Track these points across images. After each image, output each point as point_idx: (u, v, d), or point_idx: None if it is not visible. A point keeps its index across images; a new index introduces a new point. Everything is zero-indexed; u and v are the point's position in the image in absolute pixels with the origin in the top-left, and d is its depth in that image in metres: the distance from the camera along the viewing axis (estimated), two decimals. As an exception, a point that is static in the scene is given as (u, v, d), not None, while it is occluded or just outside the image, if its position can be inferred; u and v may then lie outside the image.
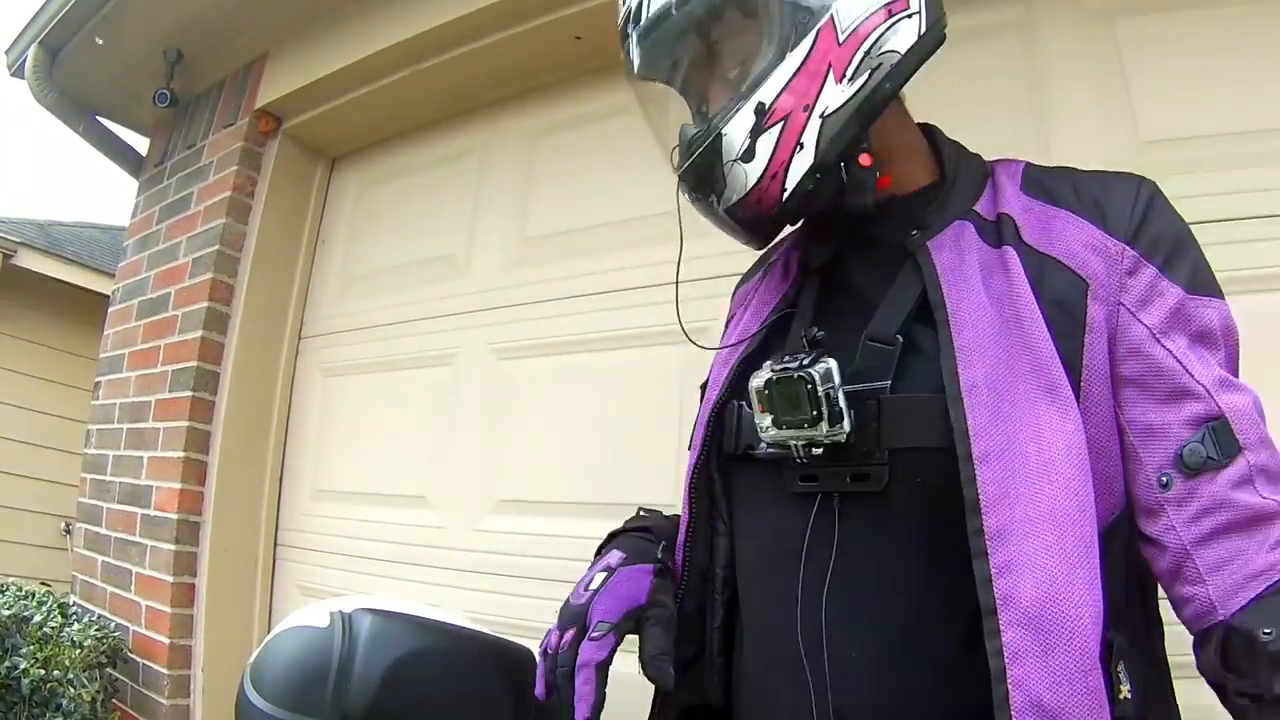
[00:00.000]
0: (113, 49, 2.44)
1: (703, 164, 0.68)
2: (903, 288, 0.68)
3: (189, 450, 2.17)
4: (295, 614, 0.94)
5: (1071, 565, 0.55)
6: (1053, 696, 0.52)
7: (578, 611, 0.66)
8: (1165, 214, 0.70)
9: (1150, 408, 0.61)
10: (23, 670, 1.77)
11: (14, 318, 4.59)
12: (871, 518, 0.64)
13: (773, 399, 0.65)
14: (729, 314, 0.91)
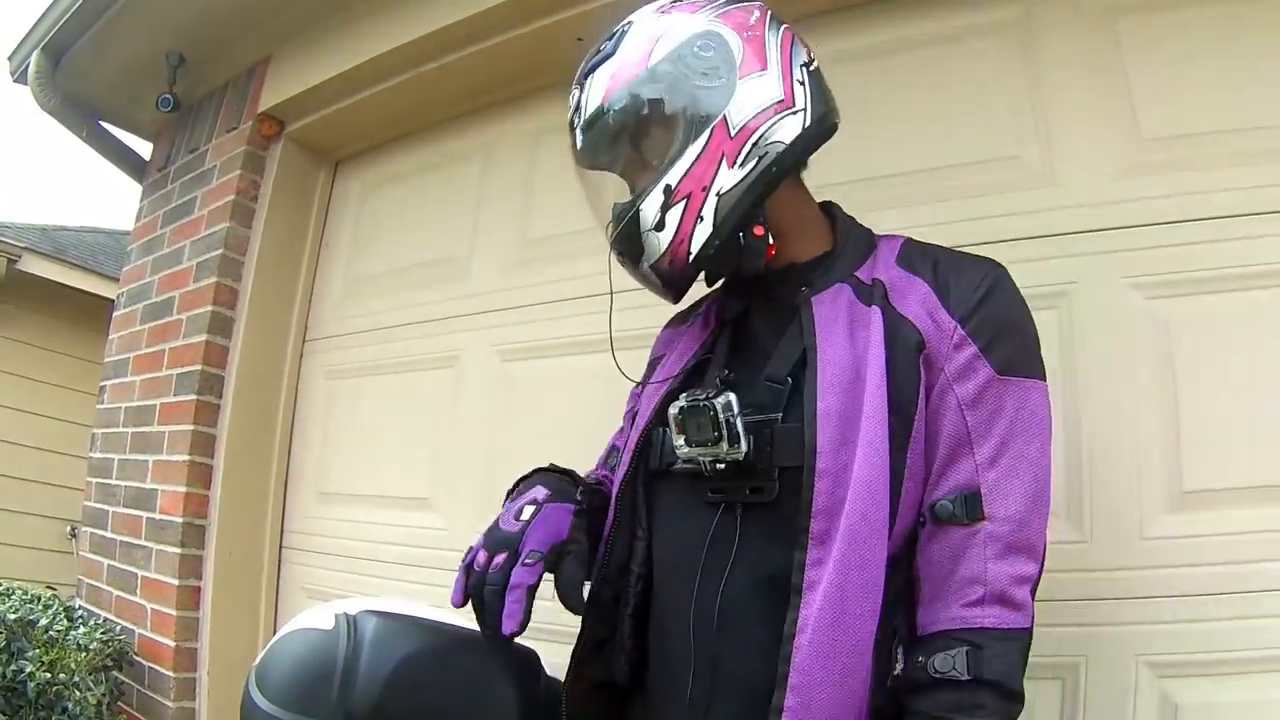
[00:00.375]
0: (115, 54, 2.45)
1: (626, 234, 0.85)
2: (791, 339, 0.84)
3: (194, 454, 2.18)
4: (300, 616, 0.95)
5: (870, 570, 0.72)
6: (815, 673, 0.70)
7: (511, 538, 0.76)
8: (1000, 301, 0.81)
9: (939, 459, 0.78)
10: (29, 674, 1.77)
11: (18, 322, 4.60)
12: (767, 523, 0.78)
13: (684, 423, 0.81)
14: (654, 354, 1.06)
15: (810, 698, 0.70)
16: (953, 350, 0.78)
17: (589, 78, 0.87)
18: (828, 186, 1.53)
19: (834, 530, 0.73)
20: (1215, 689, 1.10)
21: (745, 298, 0.91)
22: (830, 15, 1.64)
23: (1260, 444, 1.13)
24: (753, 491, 0.79)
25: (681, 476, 0.85)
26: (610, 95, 0.84)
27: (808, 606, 0.71)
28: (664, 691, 0.84)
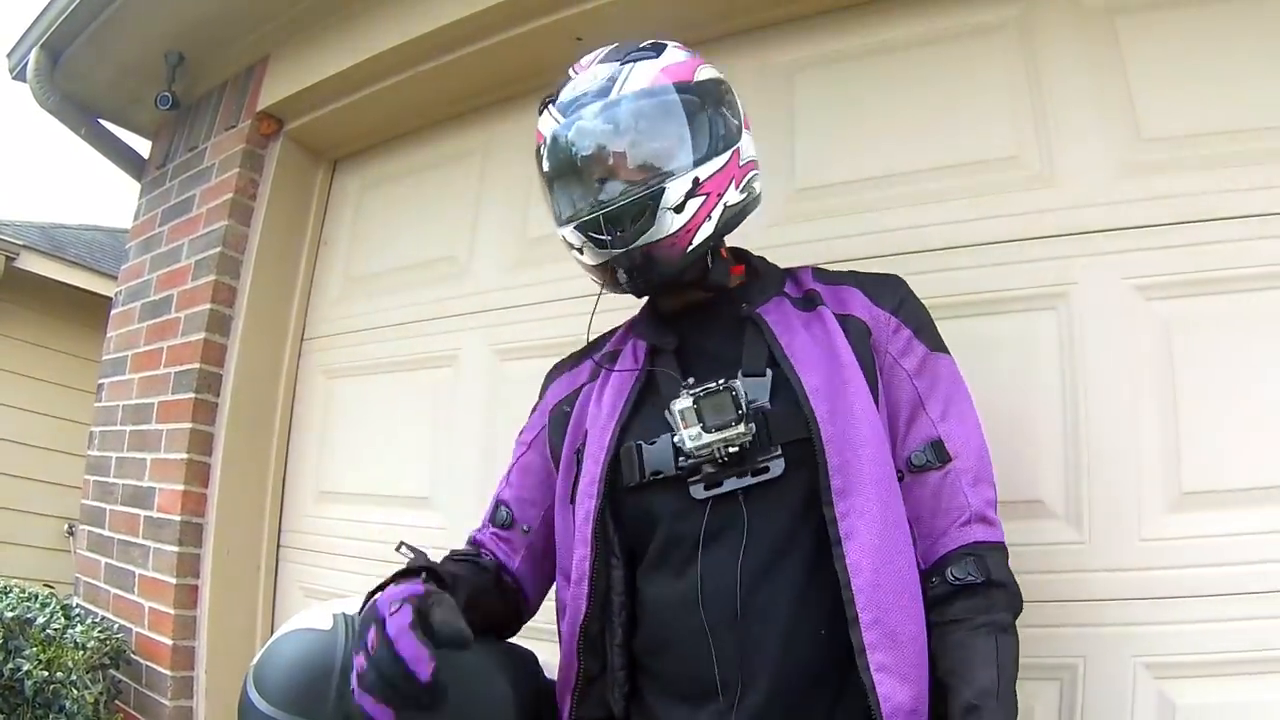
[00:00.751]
0: (114, 52, 2.45)
1: (638, 205, 0.90)
2: (753, 344, 0.95)
3: (192, 452, 2.17)
4: (298, 616, 0.94)
5: (891, 507, 0.85)
6: (882, 601, 0.81)
7: (367, 616, 0.73)
8: (915, 300, 1.02)
9: (901, 424, 0.94)
10: (26, 672, 1.77)
11: (16, 320, 4.60)
12: (770, 502, 0.88)
13: (700, 411, 0.88)
14: (552, 398, 1.12)
15: (889, 626, 0.81)
16: (893, 335, 0.97)
17: (630, 66, 0.95)
18: (828, 186, 1.54)
19: (852, 485, 0.85)
20: (1213, 690, 1.10)
21: (675, 327, 1.02)
22: (830, 15, 1.64)
23: (1260, 445, 1.13)
24: (755, 474, 0.88)
25: (661, 485, 0.91)
26: (663, 82, 0.94)
27: (854, 552, 0.82)
28: (686, 695, 0.88)
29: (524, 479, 1.10)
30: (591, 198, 0.93)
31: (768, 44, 1.71)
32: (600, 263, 0.95)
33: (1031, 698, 1.20)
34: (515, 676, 0.98)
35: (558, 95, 0.99)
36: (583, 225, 0.93)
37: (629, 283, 0.95)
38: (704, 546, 0.88)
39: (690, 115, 0.94)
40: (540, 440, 1.10)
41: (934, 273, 1.39)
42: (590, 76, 0.96)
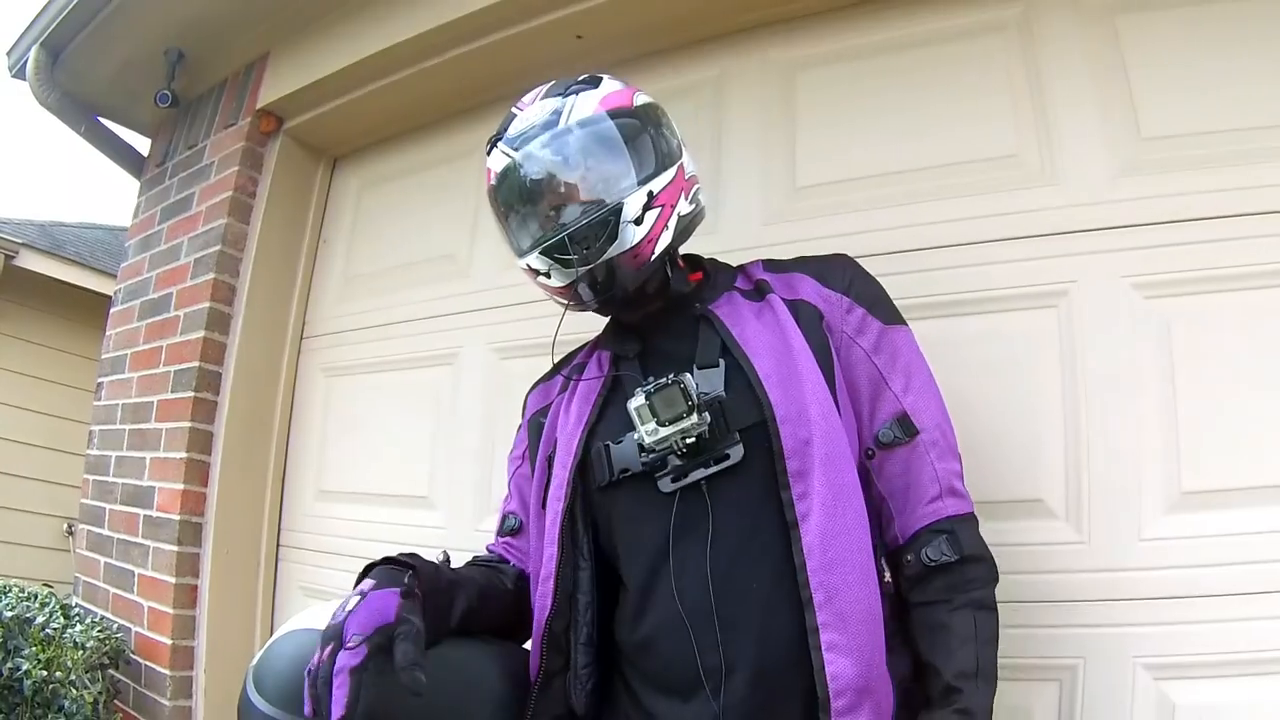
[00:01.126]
0: (114, 50, 2.44)
1: (600, 222, 0.94)
2: (706, 338, 0.99)
3: (191, 451, 2.17)
4: (298, 616, 0.94)
5: (846, 487, 0.86)
6: (833, 580, 0.83)
7: (334, 629, 0.75)
8: (865, 276, 1.05)
9: (865, 402, 0.96)
10: (25, 671, 1.77)
11: (15, 318, 4.59)
12: (733, 488, 0.90)
13: (654, 406, 0.91)
14: (530, 411, 1.19)
15: (838, 606, 0.83)
16: (845, 314, 0.99)
17: (573, 97, 1.01)
18: (828, 184, 1.54)
19: (808, 467, 0.87)
20: (1213, 690, 1.10)
21: (637, 334, 1.06)
22: (830, 15, 1.64)
23: (1260, 444, 1.13)
24: (717, 461, 0.91)
25: (631, 483, 0.95)
26: (606, 109, 0.99)
27: (807, 535, 0.85)
28: (673, 688, 0.90)
29: (524, 489, 1.14)
30: (553, 222, 0.97)
31: (768, 43, 1.71)
32: (568, 282, 0.98)
33: (1031, 698, 1.21)
34: (511, 674, 0.98)
35: (503, 133, 1.03)
36: (548, 249, 0.96)
37: (595, 298, 0.98)
38: (675, 538, 0.91)
39: (636, 136, 0.99)
40: (527, 454, 1.15)
41: (934, 271, 1.39)
42: (536, 111, 1.01)
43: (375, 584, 0.80)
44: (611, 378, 1.05)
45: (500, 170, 1.01)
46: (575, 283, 0.97)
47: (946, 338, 1.36)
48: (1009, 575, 1.23)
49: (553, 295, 1.04)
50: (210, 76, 2.56)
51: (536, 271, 1.01)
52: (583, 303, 1.01)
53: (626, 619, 0.96)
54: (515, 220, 1.02)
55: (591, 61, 1.90)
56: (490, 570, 1.06)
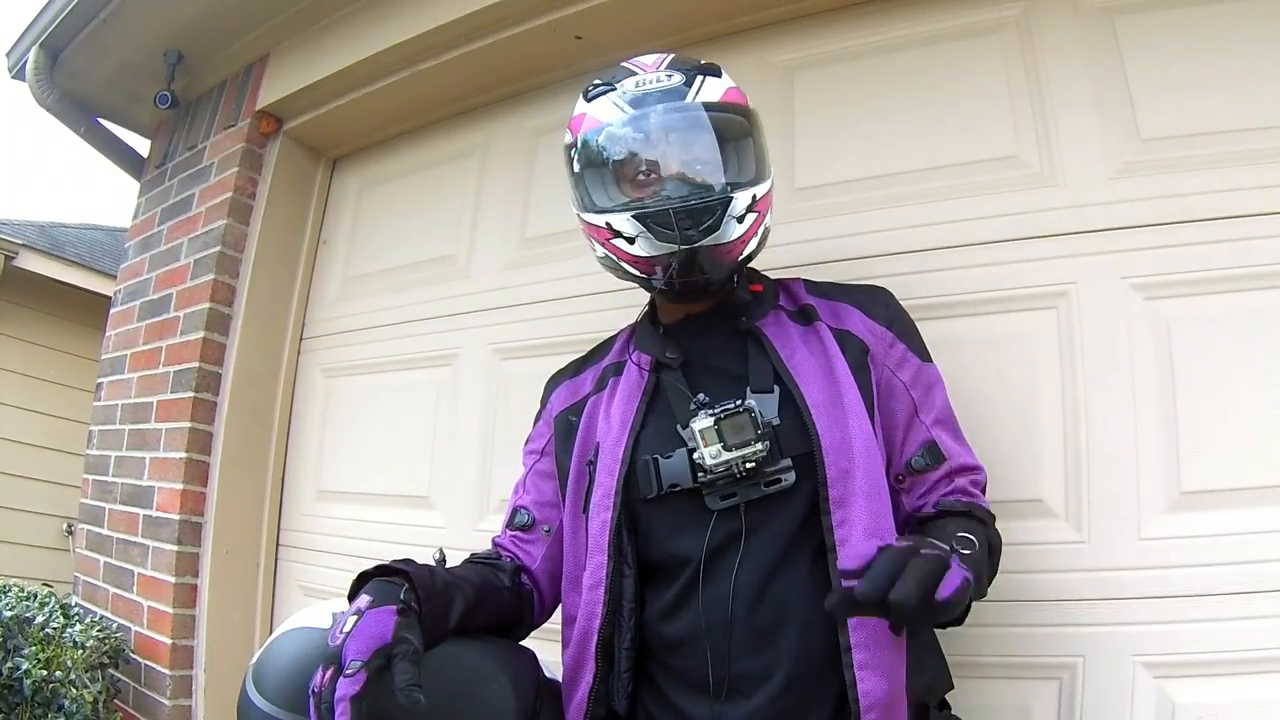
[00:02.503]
0: (113, 51, 2.44)
1: (709, 208, 0.95)
2: (757, 360, 1.00)
3: (191, 451, 2.17)
4: (297, 615, 0.95)
5: (881, 525, 0.90)
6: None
7: (334, 652, 0.76)
8: (905, 314, 1.09)
9: (900, 428, 1.01)
10: (25, 671, 1.77)
11: (15, 319, 4.59)
12: (778, 508, 0.93)
13: (721, 431, 0.92)
14: (557, 406, 1.16)
15: (872, 627, 0.86)
16: (889, 348, 1.03)
17: (700, 77, 1.00)
18: (828, 185, 1.54)
19: (849, 494, 0.90)
20: (1213, 689, 1.10)
21: (677, 340, 1.06)
22: (830, 15, 1.64)
23: (1259, 444, 1.14)
24: (768, 484, 0.93)
25: (677, 496, 0.96)
26: (731, 101, 1.01)
27: (844, 560, 0.83)
28: (702, 688, 0.93)
29: (541, 484, 1.15)
30: (653, 191, 0.97)
31: (768, 43, 1.71)
32: (655, 254, 0.97)
33: (1031, 696, 1.21)
34: (516, 674, 0.98)
35: (614, 85, 1.02)
36: (645, 215, 0.95)
37: (676, 278, 0.98)
38: (719, 551, 0.94)
39: (755, 137, 1.02)
40: (551, 446, 1.14)
41: (934, 272, 1.39)
42: (661, 77, 1.00)
43: (372, 600, 0.80)
44: (653, 385, 1.05)
45: (610, 122, 0.99)
46: (663, 257, 0.96)
47: (947, 339, 1.36)
48: (1009, 575, 1.24)
49: (621, 260, 1.01)
50: (210, 78, 2.56)
51: (616, 233, 0.98)
52: (651, 281, 1.00)
53: (658, 618, 0.98)
54: (606, 175, 1.00)
55: (592, 62, 1.91)
56: (487, 568, 1.06)
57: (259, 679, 0.86)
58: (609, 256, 1.03)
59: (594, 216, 1.01)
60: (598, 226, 1.01)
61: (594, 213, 1.01)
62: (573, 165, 1.05)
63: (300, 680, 0.84)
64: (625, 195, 0.99)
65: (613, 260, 1.03)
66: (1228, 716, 1.08)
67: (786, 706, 0.89)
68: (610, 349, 1.17)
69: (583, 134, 1.03)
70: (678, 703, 0.96)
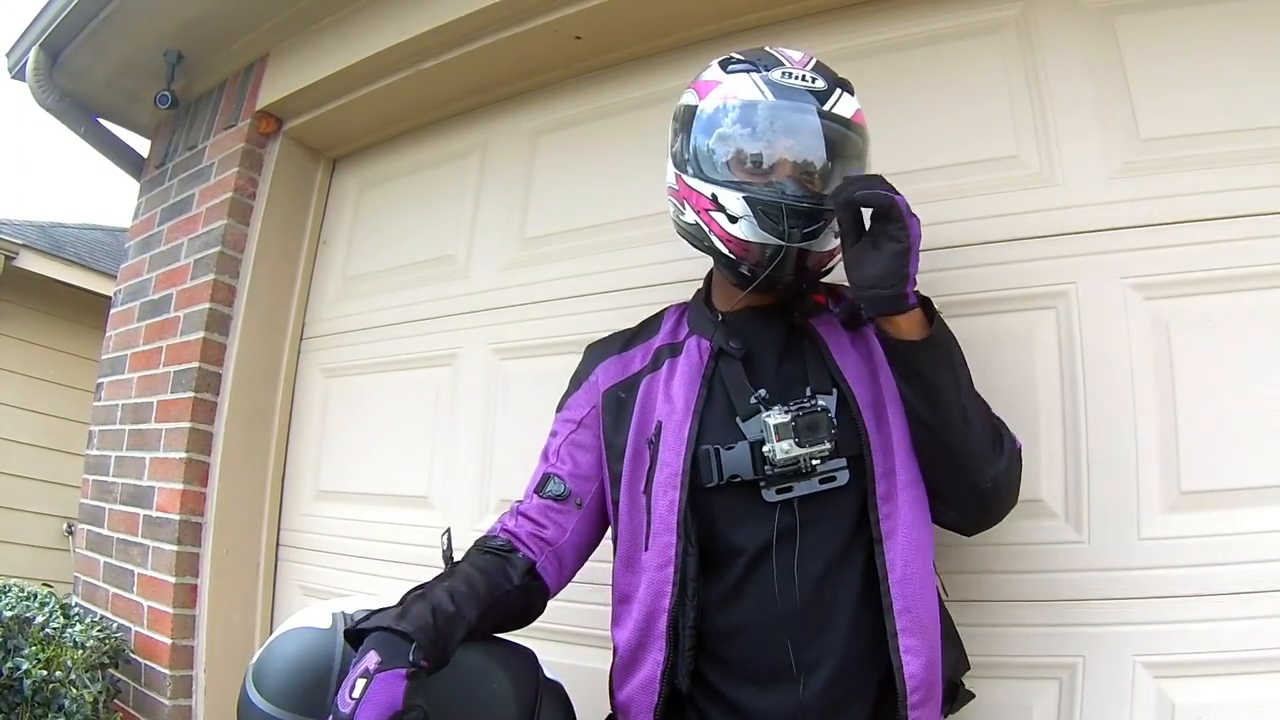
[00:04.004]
0: (113, 51, 2.44)
1: (820, 215, 0.98)
2: (814, 362, 1.04)
3: (191, 451, 2.17)
4: (297, 615, 0.95)
5: (920, 512, 0.98)
6: (911, 588, 0.94)
7: (345, 683, 0.77)
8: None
9: None
10: (25, 671, 1.77)
11: (16, 319, 4.59)
12: (830, 503, 0.98)
13: (797, 428, 0.95)
14: (608, 380, 1.14)
15: (916, 614, 0.93)
16: None
17: (839, 91, 1.03)
18: (827, 185, 1.54)
19: (893, 491, 0.96)
20: (1213, 689, 1.10)
21: (735, 331, 1.08)
22: (830, 15, 1.64)
23: (1259, 444, 1.14)
24: (823, 481, 0.97)
25: (733, 488, 0.99)
26: (859, 123, 1.05)
27: (892, 550, 0.95)
28: (754, 677, 0.97)
29: (577, 455, 1.12)
30: (770, 180, 0.99)
31: (767, 44, 1.70)
32: (754, 240, 0.99)
33: (1031, 696, 1.21)
34: (516, 674, 0.98)
35: (765, 68, 1.02)
36: (759, 202, 0.97)
37: (763, 269, 0.99)
38: (777, 544, 0.96)
39: (864, 161, 1.07)
40: (593, 419, 1.13)
41: (933, 272, 1.39)
42: (808, 75, 1.02)
43: (380, 662, 0.79)
44: (712, 371, 1.06)
45: (748, 99, 1.00)
46: (761, 246, 0.99)
47: (946, 338, 1.36)
48: (1010, 574, 1.24)
49: (714, 234, 1.02)
50: (209, 78, 2.56)
51: (720, 207, 1.00)
52: (741, 261, 1.01)
53: (711, 607, 0.99)
54: (726, 150, 1.01)
55: (592, 63, 1.91)
56: (496, 564, 1.03)
57: (259, 679, 0.86)
58: (699, 225, 1.04)
59: (701, 184, 1.02)
60: (700, 194, 1.02)
61: (703, 180, 1.02)
62: (691, 126, 1.05)
63: (300, 680, 0.84)
64: (735, 175, 1.00)
65: (702, 229, 1.04)
66: (1228, 716, 1.08)
67: (836, 696, 0.93)
68: (659, 328, 1.17)
69: (715, 101, 1.03)
70: (724, 691, 0.98)
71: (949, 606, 1.08)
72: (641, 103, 1.83)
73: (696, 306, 1.15)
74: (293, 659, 0.86)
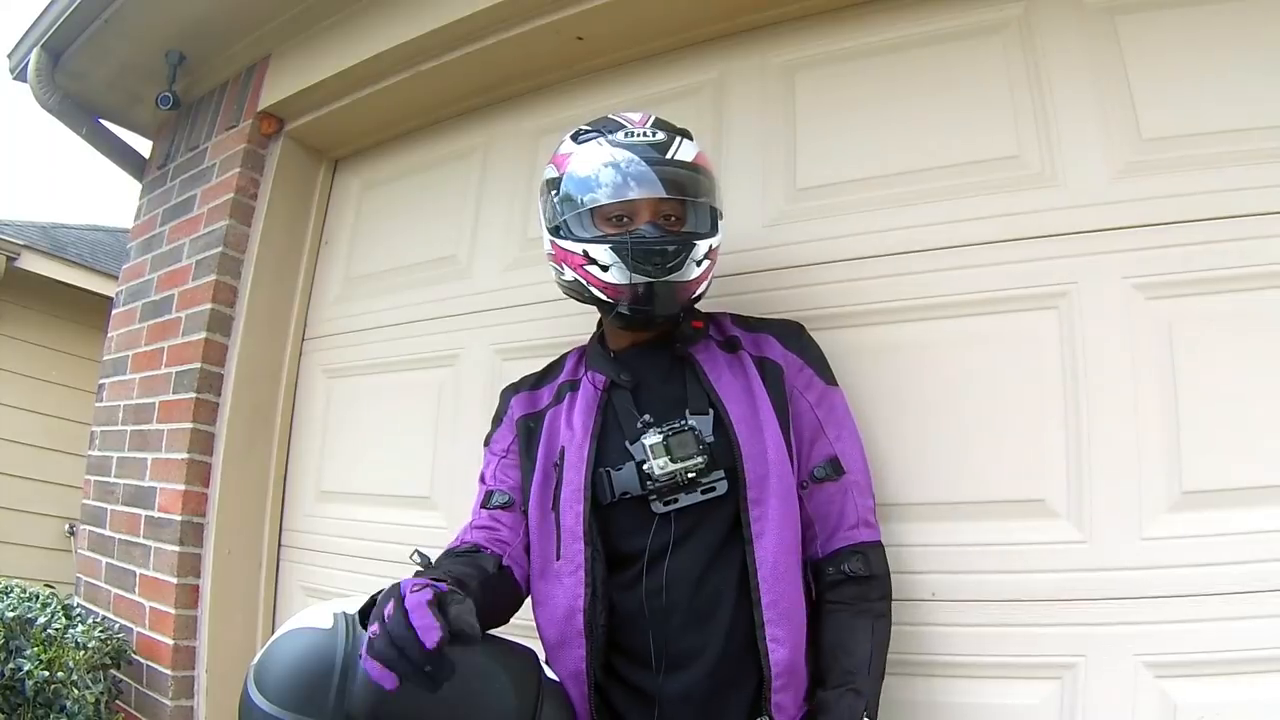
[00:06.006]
0: (115, 52, 2.45)
1: (677, 249, 1.12)
2: (693, 384, 1.17)
3: (193, 452, 2.17)
4: (299, 615, 0.95)
5: (789, 514, 1.09)
6: (778, 587, 1.06)
7: (390, 590, 0.81)
8: (814, 345, 1.26)
9: (805, 443, 1.17)
10: (27, 672, 1.77)
11: (17, 320, 4.60)
12: (709, 510, 1.10)
13: (670, 447, 1.08)
14: (518, 411, 1.28)
15: (782, 606, 1.05)
16: (798, 373, 1.20)
17: (678, 139, 1.18)
18: (828, 185, 1.54)
19: (764, 496, 1.08)
20: (1214, 689, 1.10)
21: (627, 365, 1.21)
22: (830, 15, 1.64)
23: (1260, 444, 1.14)
24: (705, 492, 1.09)
25: (626, 503, 1.11)
26: (700, 164, 1.18)
27: (761, 549, 1.06)
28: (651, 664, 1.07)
29: (510, 473, 1.25)
30: (627, 229, 1.12)
31: (768, 44, 1.71)
32: (624, 283, 1.11)
33: (1032, 696, 1.21)
34: (516, 674, 0.98)
35: (604, 131, 1.16)
36: (623, 249, 1.10)
37: (640, 306, 1.12)
38: (660, 548, 1.08)
39: (713, 198, 1.20)
40: (514, 449, 1.26)
41: (934, 272, 1.39)
42: (647, 132, 1.16)
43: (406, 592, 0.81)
44: (605, 401, 1.19)
45: (596, 160, 1.14)
46: (631, 286, 1.11)
47: (948, 339, 1.36)
48: (1011, 574, 1.24)
49: (592, 285, 1.15)
50: (211, 79, 2.56)
51: (591, 260, 1.13)
52: (615, 305, 1.14)
53: (617, 605, 1.11)
54: (586, 212, 1.14)
55: (593, 63, 1.91)
56: (471, 561, 1.11)
57: (260, 679, 0.86)
58: (579, 281, 1.16)
59: (573, 244, 1.15)
60: (573, 254, 1.15)
61: (573, 240, 1.15)
62: (553, 197, 1.18)
63: (301, 680, 0.84)
64: (601, 230, 1.13)
65: (581, 284, 1.16)
66: (1229, 716, 1.08)
67: (721, 679, 1.05)
68: (562, 367, 1.32)
69: (569, 171, 1.16)
70: (627, 675, 1.10)
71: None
72: (642, 104, 1.82)
73: (593, 347, 1.28)
74: (294, 659, 0.86)
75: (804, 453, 1.17)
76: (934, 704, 1.26)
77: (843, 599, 1.12)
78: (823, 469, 1.16)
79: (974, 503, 1.29)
